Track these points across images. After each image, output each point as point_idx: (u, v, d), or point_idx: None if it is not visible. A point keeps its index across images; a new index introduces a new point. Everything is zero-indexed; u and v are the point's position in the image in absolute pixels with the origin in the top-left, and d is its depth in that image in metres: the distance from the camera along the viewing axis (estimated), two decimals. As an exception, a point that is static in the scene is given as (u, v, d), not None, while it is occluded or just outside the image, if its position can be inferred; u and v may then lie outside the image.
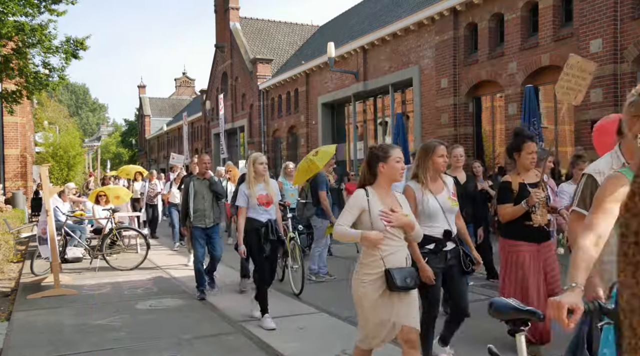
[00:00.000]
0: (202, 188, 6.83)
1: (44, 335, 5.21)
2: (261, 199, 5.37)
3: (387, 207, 3.24)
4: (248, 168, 5.49)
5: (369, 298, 3.18)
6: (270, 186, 5.53)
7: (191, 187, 6.81)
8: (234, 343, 4.90)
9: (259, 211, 5.38)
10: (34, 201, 17.78)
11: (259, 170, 5.46)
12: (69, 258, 9.34)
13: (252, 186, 5.39)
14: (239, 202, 5.42)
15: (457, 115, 13.73)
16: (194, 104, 45.21)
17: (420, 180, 3.86)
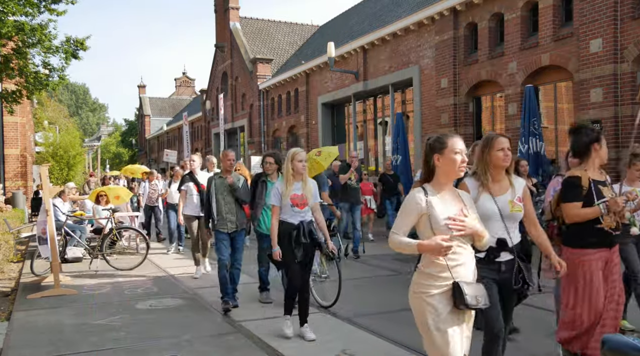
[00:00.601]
0: (223, 188, 6.28)
1: (44, 335, 5.21)
2: (295, 200, 4.92)
3: (449, 208, 2.80)
4: (286, 165, 4.98)
5: (438, 315, 2.71)
6: (308, 186, 5.02)
7: (212, 187, 6.30)
8: (234, 343, 4.90)
9: (292, 212, 4.94)
10: (34, 201, 17.78)
11: (297, 168, 4.94)
12: (69, 258, 9.34)
13: (288, 184, 4.92)
14: (272, 200, 5.02)
15: (457, 115, 13.73)
16: (194, 104, 45.23)
17: (479, 177, 3.36)
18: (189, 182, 8.22)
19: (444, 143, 2.84)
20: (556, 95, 11.60)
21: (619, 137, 9.71)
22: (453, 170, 2.83)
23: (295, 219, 4.94)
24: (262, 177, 6.21)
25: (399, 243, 2.77)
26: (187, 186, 8.21)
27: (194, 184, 8.17)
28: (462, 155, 2.82)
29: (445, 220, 2.73)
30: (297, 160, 4.93)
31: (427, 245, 2.67)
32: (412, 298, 2.82)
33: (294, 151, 4.98)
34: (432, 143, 2.88)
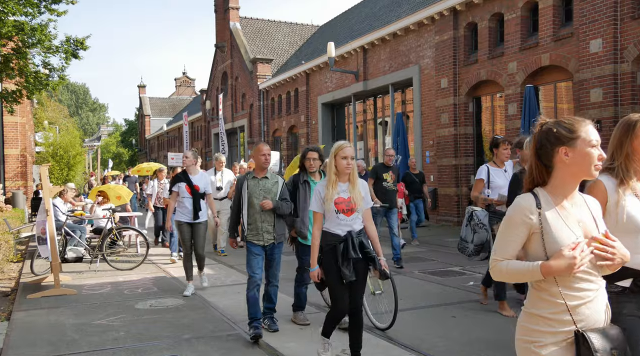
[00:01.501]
0: (258, 191, 5.13)
1: (44, 335, 5.22)
2: (340, 205, 3.97)
3: (572, 224, 2.00)
4: (328, 162, 4.09)
5: None
6: (357, 188, 4.04)
7: (244, 189, 5.14)
8: (234, 343, 4.90)
9: (337, 221, 3.99)
10: (34, 201, 17.79)
11: (341, 167, 3.99)
12: (69, 258, 9.35)
13: (331, 186, 3.99)
14: (313, 206, 4.10)
15: (457, 115, 13.73)
16: (194, 104, 45.25)
17: (618, 173, 2.44)
18: (181, 182, 7.00)
19: (575, 131, 2.02)
20: (556, 95, 11.60)
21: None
22: (587, 168, 2.01)
23: (341, 229, 3.99)
24: (304, 176, 5.33)
25: (508, 272, 2.00)
26: (178, 187, 6.99)
27: (186, 185, 6.95)
28: (599, 148, 2.03)
29: (569, 241, 1.94)
30: (341, 157, 3.98)
31: (556, 264, 1.90)
32: (518, 347, 2.07)
33: (338, 145, 4.02)
34: (557, 131, 2.06)
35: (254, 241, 5.09)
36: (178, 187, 7.00)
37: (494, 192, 5.70)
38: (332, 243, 3.99)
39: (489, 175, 5.76)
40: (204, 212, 7.06)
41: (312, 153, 5.27)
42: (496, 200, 5.63)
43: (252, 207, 5.11)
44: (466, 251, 5.67)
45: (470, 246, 5.57)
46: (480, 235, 5.51)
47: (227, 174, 10.40)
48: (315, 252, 4.04)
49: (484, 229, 5.48)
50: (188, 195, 6.93)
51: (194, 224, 6.98)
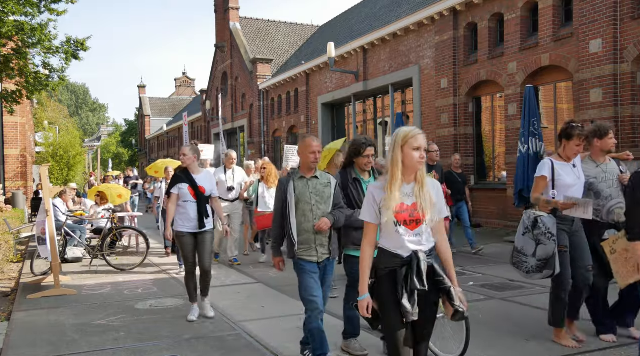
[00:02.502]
0: (309, 195, 4.12)
1: (44, 335, 5.22)
2: (401, 214, 2.89)
3: None
4: (391, 155, 2.94)
5: None
6: (427, 191, 2.93)
7: (290, 192, 4.11)
8: (234, 343, 4.90)
9: (397, 236, 2.89)
10: (34, 201, 17.79)
11: (412, 161, 2.89)
12: (69, 258, 9.35)
13: (394, 188, 2.88)
14: (364, 215, 3.01)
15: (457, 115, 13.74)
16: (194, 104, 45.27)
17: None
18: (182, 182, 5.73)
19: None
20: (556, 95, 11.60)
21: (619, 137, 9.71)
22: None
23: (403, 248, 2.90)
24: (353, 173, 4.49)
25: None
26: (179, 189, 5.71)
27: (189, 187, 5.71)
28: None
29: None
30: (412, 147, 2.87)
31: None
32: None
33: (408, 132, 2.92)
34: None
35: (305, 257, 4.07)
36: (179, 188, 5.70)
37: (560, 192, 4.50)
38: (391, 267, 2.91)
39: (553, 172, 4.55)
40: (210, 218, 5.81)
41: (370, 150, 4.40)
42: (564, 202, 4.36)
43: (303, 215, 4.07)
44: (523, 266, 4.56)
45: (531, 260, 4.48)
46: (546, 247, 4.38)
47: (239, 172, 9.34)
48: (365, 276, 2.94)
49: (551, 240, 4.36)
50: (191, 199, 5.67)
51: (198, 234, 5.71)
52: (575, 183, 4.53)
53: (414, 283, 2.84)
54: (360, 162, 4.44)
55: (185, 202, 5.70)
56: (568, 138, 4.51)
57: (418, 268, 2.87)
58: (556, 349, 4.45)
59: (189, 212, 5.68)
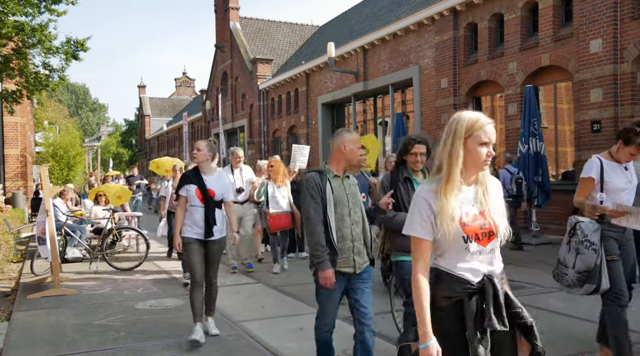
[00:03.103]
0: (345, 196, 3.63)
1: (44, 335, 5.22)
2: (471, 225, 2.20)
3: None
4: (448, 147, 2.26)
5: None
6: (493, 194, 2.29)
7: (328, 192, 3.56)
8: (234, 343, 4.90)
9: (465, 254, 2.20)
10: (34, 201, 17.80)
11: (477, 158, 2.21)
12: (69, 258, 9.35)
13: (449, 191, 2.20)
14: (414, 229, 2.23)
15: (457, 115, 13.73)
16: (194, 104, 45.27)
17: None
18: (190, 183, 5.03)
19: None
20: (556, 95, 11.61)
21: (619, 137, 9.72)
22: None
23: (474, 270, 2.19)
24: (404, 172, 4.02)
25: None
26: (187, 190, 5.01)
27: (197, 189, 5.00)
28: None
29: None
30: (479, 142, 2.19)
31: None
32: None
33: (471, 120, 2.21)
34: None
35: (343, 268, 3.55)
36: (186, 190, 5.01)
37: (610, 197, 3.88)
38: (454, 297, 2.16)
39: (602, 172, 3.96)
40: (220, 226, 5.08)
41: (419, 147, 3.94)
42: (613, 209, 3.76)
43: (340, 219, 3.55)
44: (564, 279, 3.97)
45: (570, 272, 3.88)
46: (585, 257, 3.78)
47: (247, 172, 8.51)
48: (424, 315, 2.11)
49: (591, 249, 3.76)
50: (199, 203, 4.98)
51: (206, 242, 5.03)
52: (627, 187, 3.96)
53: (491, 321, 2.10)
54: (408, 160, 4.02)
55: (192, 206, 4.99)
56: (626, 143, 3.94)
57: (495, 300, 2.14)
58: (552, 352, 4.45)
59: (195, 216, 4.98)
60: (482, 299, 2.16)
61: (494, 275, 2.21)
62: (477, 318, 2.13)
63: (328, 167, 3.66)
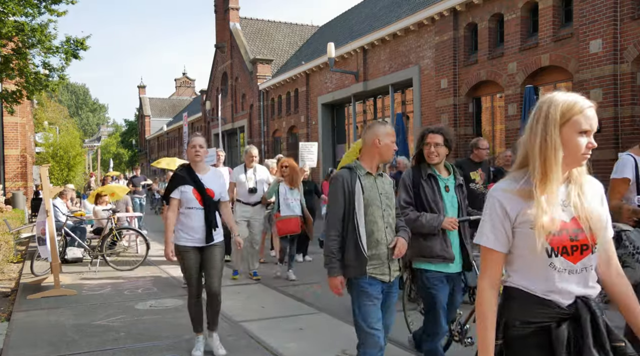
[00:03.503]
0: (377, 196, 3.26)
1: (44, 335, 5.22)
2: (558, 236, 1.76)
3: None
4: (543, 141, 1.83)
5: None
6: (589, 196, 1.87)
7: (358, 191, 3.21)
8: (234, 343, 4.90)
9: (551, 272, 1.77)
10: (34, 201, 17.79)
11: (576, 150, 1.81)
12: (69, 258, 9.35)
13: (546, 192, 1.77)
14: (487, 238, 1.85)
15: (457, 115, 13.73)
16: (194, 104, 45.27)
17: None
18: (185, 184, 4.50)
19: None
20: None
21: (619, 137, 9.72)
22: None
23: (563, 292, 1.79)
24: (426, 169, 3.68)
25: None
26: (181, 192, 4.50)
27: (194, 189, 4.49)
28: None
29: None
30: (577, 129, 1.82)
31: None
32: None
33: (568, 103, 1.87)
34: None
35: (377, 275, 3.19)
36: (180, 192, 4.49)
37: None
38: (538, 323, 1.77)
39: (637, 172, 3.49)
40: (220, 229, 4.66)
41: (434, 137, 3.62)
42: None
43: (373, 222, 3.19)
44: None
45: None
46: (635, 272, 3.20)
47: (261, 171, 7.94)
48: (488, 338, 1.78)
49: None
50: (198, 205, 4.48)
51: (205, 248, 4.55)
52: None
53: (590, 353, 1.68)
54: (424, 150, 3.67)
55: (189, 209, 4.48)
56: None
57: (595, 329, 1.72)
58: None
59: (194, 221, 4.48)
60: (575, 327, 1.72)
61: (592, 298, 1.78)
62: (570, 350, 1.68)
63: (360, 163, 3.30)
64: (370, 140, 3.30)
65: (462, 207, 3.77)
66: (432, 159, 3.64)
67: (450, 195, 3.71)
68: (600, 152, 9.90)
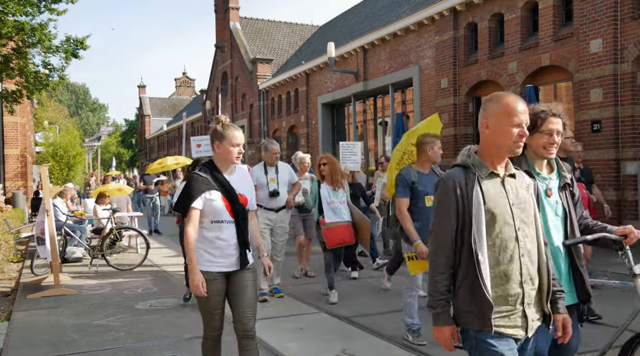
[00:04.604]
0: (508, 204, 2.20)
1: (44, 335, 5.21)
2: None
3: None
4: None
5: None
6: None
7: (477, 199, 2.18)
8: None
9: None
10: (34, 201, 17.79)
11: None
12: (69, 258, 9.35)
13: None
14: None
15: (457, 115, 13.73)
16: (194, 104, 45.27)
17: None
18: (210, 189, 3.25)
19: None
20: (556, 95, 11.60)
21: (619, 137, 9.72)
22: None
23: None
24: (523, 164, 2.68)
25: None
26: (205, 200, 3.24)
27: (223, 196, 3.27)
28: None
29: None
30: None
31: None
32: None
33: None
34: None
35: (505, 329, 2.15)
36: (205, 199, 3.22)
37: None
38: None
39: None
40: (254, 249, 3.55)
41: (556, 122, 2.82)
42: None
43: (501, 248, 2.17)
44: None
45: None
46: None
47: (284, 170, 6.60)
48: None
49: None
50: (228, 218, 3.29)
51: (234, 274, 3.51)
52: None
53: None
54: (536, 142, 2.71)
55: (218, 223, 3.27)
56: None
57: None
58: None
59: (224, 239, 3.30)
60: None
61: None
62: None
63: (478, 158, 2.26)
64: (496, 118, 2.20)
65: (570, 216, 2.73)
66: (549, 152, 2.70)
67: (554, 201, 2.71)
68: (600, 152, 9.91)
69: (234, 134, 3.27)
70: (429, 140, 4.79)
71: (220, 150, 3.29)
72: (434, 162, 4.84)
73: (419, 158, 4.83)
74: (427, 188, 4.53)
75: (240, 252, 3.37)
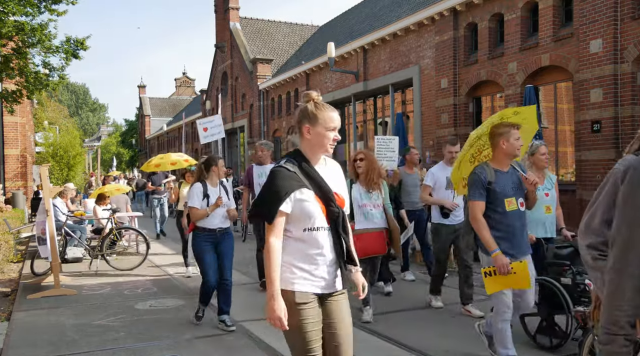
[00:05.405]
0: None
1: (44, 335, 5.22)
2: None
3: None
4: None
5: None
6: None
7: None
8: (234, 343, 4.90)
9: None
10: (34, 201, 17.79)
11: None
12: (69, 258, 9.35)
13: None
14: None
15: (457, 115, 13.73)
16: (194, 104, 45.28)
17: None
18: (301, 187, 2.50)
19: None
20: (556, 95, 11.60)
21: (619, 137, 9.72)
22: None
23: None
24: None
25: None
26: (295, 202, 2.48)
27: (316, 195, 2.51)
28: None
29: None
30: None
31: None
32: None
33: None
34: None
35: None
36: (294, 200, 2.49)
37: None
38: None
39: None
40: None
41: None
42: None
43: None
44: None
45: None
46: None
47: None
48: None
49: None
50: (324, 224, 2.54)
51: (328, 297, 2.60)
52: None
53: None
54: None
55: (312, 231, 2.51)
56: None
57: None
58: None
59: (320, 251, 2.53)
60: None
61: None
62: None
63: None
64: None
65: None
66: None
67: None
68: (600, 152, 9.91)
69: (330, 116, 2.53)
70: (504, 130, 3.87)
71: (312, 135, 2.54)
72: (514, 156, 3.93)
73: (494, 153, 3.99)
74: (507, 189, 3.84)
75: (339, 268, 2.57)
